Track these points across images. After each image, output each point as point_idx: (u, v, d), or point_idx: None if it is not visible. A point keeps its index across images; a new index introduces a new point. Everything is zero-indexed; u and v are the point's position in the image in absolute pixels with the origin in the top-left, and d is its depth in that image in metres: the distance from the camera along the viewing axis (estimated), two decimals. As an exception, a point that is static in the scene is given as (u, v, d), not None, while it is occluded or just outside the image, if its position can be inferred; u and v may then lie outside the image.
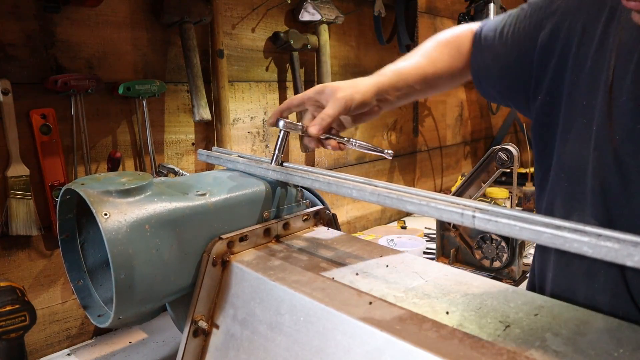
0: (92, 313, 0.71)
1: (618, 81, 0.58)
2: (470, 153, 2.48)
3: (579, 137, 0.63)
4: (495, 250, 1.22)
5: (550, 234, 0.42)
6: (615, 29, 0.60)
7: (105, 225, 0.60)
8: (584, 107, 0.62)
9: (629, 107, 0.56)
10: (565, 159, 0.65)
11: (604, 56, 0.60)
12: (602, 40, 0.61)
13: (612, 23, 0.61)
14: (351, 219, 1.79)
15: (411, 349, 0.47)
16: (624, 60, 0.58)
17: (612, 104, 0.58)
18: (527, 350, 0.46)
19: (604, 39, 0.61)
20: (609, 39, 0.60)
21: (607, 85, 0.59)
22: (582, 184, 0.62)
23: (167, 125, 1.19)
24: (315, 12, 1.43)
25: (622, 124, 0.57)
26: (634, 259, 0.36)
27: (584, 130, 0.62)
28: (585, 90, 0.62)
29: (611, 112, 0.58)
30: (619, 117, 0.57)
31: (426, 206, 0.53)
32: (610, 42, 0.60)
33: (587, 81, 0.62)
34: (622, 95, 0.57)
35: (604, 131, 0.59)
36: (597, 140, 0.60)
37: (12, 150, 0.92)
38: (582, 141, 0.62)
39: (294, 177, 0.71)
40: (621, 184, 0.57)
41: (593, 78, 0.61)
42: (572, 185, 0.64)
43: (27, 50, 0.94)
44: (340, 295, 0.58)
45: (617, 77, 0.58)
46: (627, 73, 0.57)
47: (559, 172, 0.66)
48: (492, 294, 0.58)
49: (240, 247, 0.72)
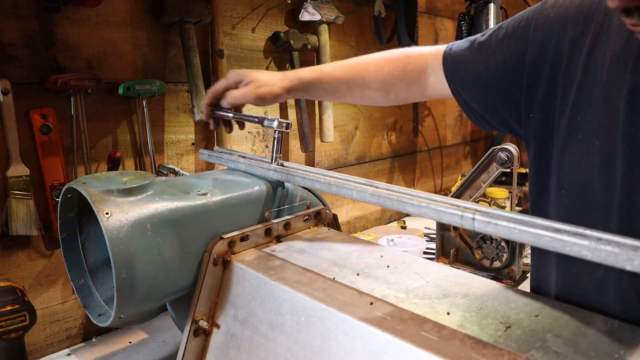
0: (93, 312, 0.72)
1: (615, 92, 0.57)
2: (470, 153, 2.49)
3: (577, 153, 0.61)
4: (495, 250, 1.22)
5: (550, 237, 0.42)
6: (604, 43, 0.59)
7: (107, 224, 0.60)
8: (577, 123, 0.61)
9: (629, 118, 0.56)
10: (564, 175, 0.64)
11: (595, 70, 0.60)
12: (590, 54, 0.60)
13: (600, 37, 0.60)
14: (351, 219, 1.79)
15: (412, 350, 0.47)
16: (618, 70, 0.57)
17: (612, 116, 0.57)
18: (528, 351, 0.46)
19: (592, 53, 0.60)
20: (598, 53, 0.60)
21: (602, 98, 0.58)
22: (587, 200, 0.61)
23: (167, 125, 1.19)
24: (315, 12, 1.43)
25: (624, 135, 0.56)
26: (633, 263, 0.36)
27: (581, 145, 0.61)
28: (577, 106, 0.61)
29: (613, 125, 0.57)
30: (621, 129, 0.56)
31: (426, 208, 0.53)
32: (600, 56, 0.59)
33: (579, 96, 0.61)
34: (620, 107, 0.56)
35: (609, 145, 0.58)
36: (603, 155, 0.58)
37: (12, 150, 0.92)
38: (581, 156, 0.61)
39: (294, 177, 0.71)
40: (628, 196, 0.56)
41: (584, 93, 0.60)
42: (574, 203, 0.63)
43: (27, 50, 0.94)
44: (341, 296, 0.58)
45: (613, 88, 0.57)
46: (623, 82, 0.56)
47: (558, 189, 0.65)
48: (493, 294, 0.58)
49: (241, 247, 0.72)
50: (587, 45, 0.61)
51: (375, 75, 0.86)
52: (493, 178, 1.25)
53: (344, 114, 1.69)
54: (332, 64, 0.88)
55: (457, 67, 0.79)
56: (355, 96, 0.89)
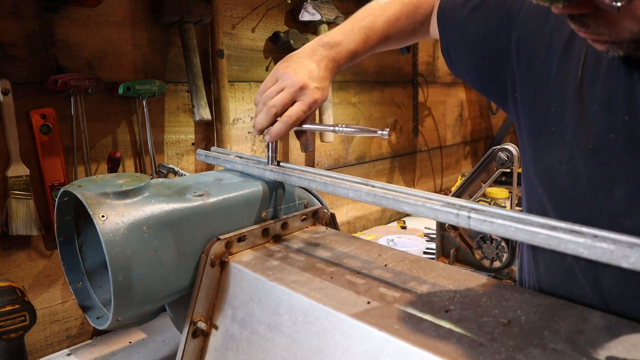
0: (91, 315, 0.71)
1: (587, 89, 0.57)
2: (470, 153, 2.48)
3: (550, 145, 0.61)
4: (495, 250, 1.22)
5: (546, 235, 0.42)
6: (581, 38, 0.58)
7: (103, 227, 0.60)
8: (552, 114, 0.61)
9: (601, 116, 0.55)
10: (537, 165, 0.64)
11: (570, 63, 0.59)
12: (568, 46, 0.60)
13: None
14: (351, 219, 1.79)
15: (410, 348, 0.47)
16: (592, 67, 0.57)
17: (584, 112, 0.57)
18: (526, 348, 0.46)
19: (570, 45, 0.60)
20: (574, 46, 0.59)
21: (576, 94, 0.58)
22: (554, 192, 0.61)
23: (167, 125, 1.19)
24: (315, 12, 1.43)
25: (595, 133, 0.56)
26: (629, 260, 0.36)
27: (554, 138, 0.61)
28: (552, 97, 0.61)
29: (584, 121, 0.57)
30: (591, 126, 0.56)
31: (422, 207, 0.53)
32: (577, 49, 0.59)
33: (554, 88, 0.61)
34: (593, 104, 0.56)
35: (578, 140, 0.57)
36: (572, 150, 0.58)
37: (12, 150, 0.92)
38: (553, 149, 0.61)
39: (291, 177, 0.71)
40: (595, 192, 0.56)
41: (560, 85, 0.60)
42: (544, 192, 0.63)
43: (27, 50, 0.95)
44: (338, 295, 0.58)
45: (586, 85, 0.57)
46: (596, 81, 0.56)
47: (533, 175, 0.65)
48: (491, 292, 0.58)
49: (239, 248, 0.72)
50: (565, 36, 0.60)
51: (398, 29, 0.84)
52: (493, 178, 1.25)
53: (344, 114, 1.69)
54: (362, 24, 0.81)
55: (448, 26, 0.78)
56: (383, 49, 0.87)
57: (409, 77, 1.97)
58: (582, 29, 0.47)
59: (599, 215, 0.57)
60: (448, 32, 0.78)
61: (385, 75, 1.85)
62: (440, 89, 2.18)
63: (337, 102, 1.64)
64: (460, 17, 0.75)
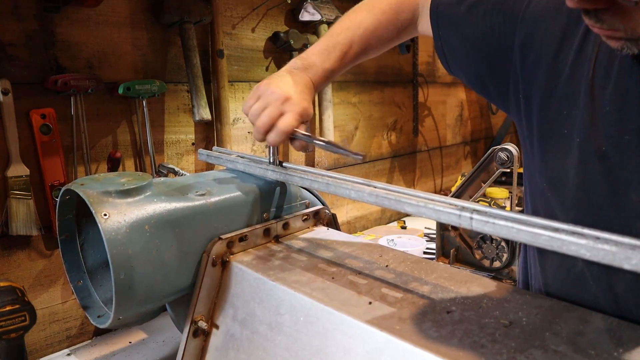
0: (92, 313, 0.71)
1: (599, 90, 0.55)
2: (470, 153, 2.48)
3: (560, 149, 0.60)
4: (495, 250, 1.22)
5: (548, 237, 0.41)
6: (595, 36, 0.57)
7: (105, 226, 0.60)
8: (564, 117, 0.59)
9: (614, 118, 0.54)
10: (546, 168, 0.62)
11: (583, 64, 0.58)
12: (581, 47, 0.58)
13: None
14: (351, 219, 1.79)
15: (411, 349, 0.47)
16: (603, 68, 0.55)
17: (596, 114, 0.56)
18: (527, 349, 0.46)
19: (583, 46, 0.58)
20: (588, 47, 0.58)
21: (587, 95, 0.56)
22: (564, 197, 0.60)
23: (167, 125, 1.19)
24: (315, 12, 1.43)
25: (608, 135, 0.55)
26: (631, 262, 0.36)
27: (564, 141, 0.59)
28: (564, 100, 0.59)
29: (595, 123, 0.55)
30: (604, 128, 0.55)
31: (424, 207, 0.53)
32: (590, 50, 0.57)
33: (566, 90, 0.59)
34: (605, 105, 0.55)
35: (589, 143, 0.56)
36: (582, 153, 0.57)
37: (12, 150, 0.92)
38: (564, 152, 0.59)
39: (293, 177, 0.71)
40: (609, 196, 0.55)
41: (572, 87, 0.58)
42: (554, 196, 0.62)
43: (27, 50, 0.95)
44: (340, 295, 0.58)
45: (598, 86, 0.55)
46: (608, 81, 0.55)
47: (542, 179, 0.64)
48: (492, 293, 0.58)
49: (240, 247, 0.72)
50: (579, 36, 0.59)
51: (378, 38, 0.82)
52: (493, 178, 1.25)
53: (344, 114, 1.69)
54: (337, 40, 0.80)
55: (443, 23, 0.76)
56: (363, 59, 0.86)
57: (409, 77, 1.97)
58: (597, 25, 0.46)
59: (612, 219, 0.55)
60: (443, 30, 0.76)
61: (385, 75, 1.85)
62: (440, 89, 2.18)
63: (337, 102, 1.64)
64: (457, 15, 0.73)
